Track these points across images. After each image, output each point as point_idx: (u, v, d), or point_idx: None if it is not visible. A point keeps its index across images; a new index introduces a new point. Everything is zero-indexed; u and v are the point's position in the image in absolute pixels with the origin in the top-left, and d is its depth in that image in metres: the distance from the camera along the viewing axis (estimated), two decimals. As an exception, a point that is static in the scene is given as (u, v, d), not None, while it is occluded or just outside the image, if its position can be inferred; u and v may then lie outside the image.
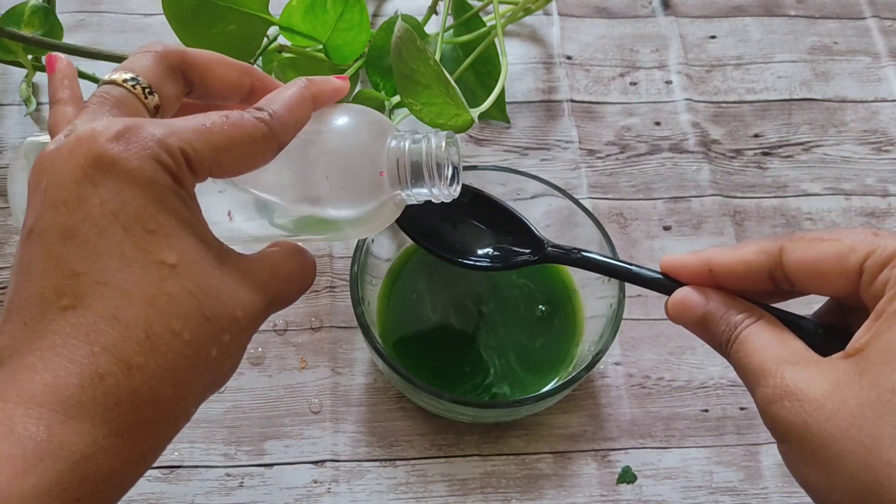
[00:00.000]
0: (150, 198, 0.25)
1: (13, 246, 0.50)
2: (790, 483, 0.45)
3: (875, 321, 0.27)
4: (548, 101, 0.58)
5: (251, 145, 0.27)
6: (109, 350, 0.24)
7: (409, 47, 0.43)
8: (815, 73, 0.60)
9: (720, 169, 0.56)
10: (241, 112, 0.28)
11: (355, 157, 0.31)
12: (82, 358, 0.23)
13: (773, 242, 0.30)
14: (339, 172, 0.31)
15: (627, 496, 0.44)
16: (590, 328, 0.45)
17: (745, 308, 0.31)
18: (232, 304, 0.26)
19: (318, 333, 0.48)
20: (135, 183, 0.25)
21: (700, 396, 0.47)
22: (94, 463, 0.23)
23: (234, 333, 0.27)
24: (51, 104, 0.30)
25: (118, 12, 0.61)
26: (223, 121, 0.27)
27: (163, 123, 0.26)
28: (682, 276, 0.32)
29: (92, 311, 0.24)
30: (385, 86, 0.53)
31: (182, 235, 0.25)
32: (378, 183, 0.31)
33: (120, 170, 0.24)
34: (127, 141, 0.25)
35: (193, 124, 0.26)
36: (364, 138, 0.32)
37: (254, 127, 0.27)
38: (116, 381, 0.23)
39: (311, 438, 0.45)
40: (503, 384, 0.44)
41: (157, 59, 0.29)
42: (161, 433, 0.25)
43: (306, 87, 0.30)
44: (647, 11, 0.63)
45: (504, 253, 0.38)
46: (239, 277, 0.27)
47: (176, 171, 0.25)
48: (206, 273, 0.26)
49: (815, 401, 0.26)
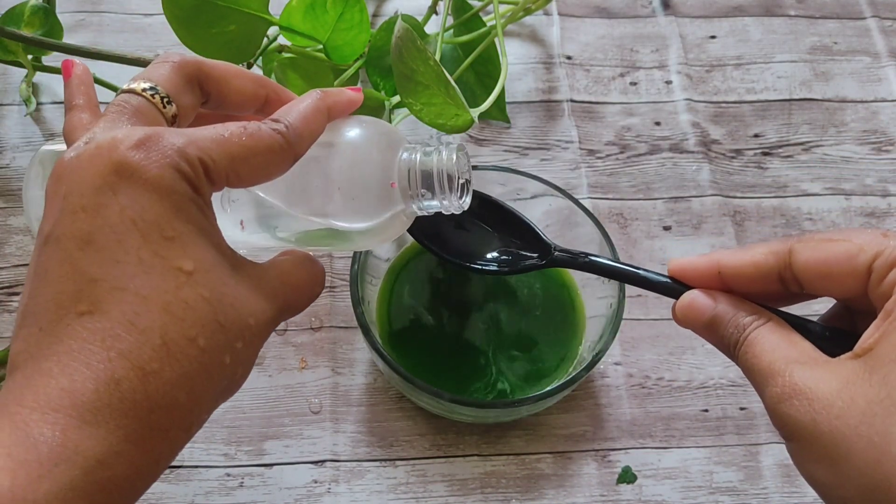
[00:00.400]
0: (169, 206, 0.25)
1: (13, 246, 0.50)
2: (790, 483, 0.45)
3: (884, 321, 0.27)
4: (548, 101, 0.58)
5: (268, 156, 0.28)
6: (126, 356, 0.24)
7: (409, 47, 0.43)
8: (815, 73, 0.60)
9: (720, 169, 0.56)
10: (259, 123, 0.28)
11: (368, 169, 0.31)
12: (98, 363, 0.23)
13: (782, 244, 0.30)
14: (352, 184, 0.31)
15: (627, 496, 0.44)
16: (590, 328, 0.45)
17: (753, 310, 0.31)
18: (245, 312, 0.27)
19: (318, 333, 0.48)
20: (154, 191, 0.25)
21: (700, 396, 0.47)
22: (108, 468, 0.23)
23: (247, 341, 0.27)
24: (67, 110, 0.31)
25: (118, 12, 0.61)
26: (241, 131, 0.27)
27: (182, 133, 0.26)
28: (691, 279, 0.33)
29: (109, 316, 0.24)
30: (385, 86, 0.53)
31: (199, 243, 0.26)
32: (389, 194, 0.32)
33: (140, 178, 0.25)
34: (147, 149, 0.25)
35: (212, 134, 0.27)
36: (376, 150, 0.32)
37: (270, 138, 0.28)
38: (132, 387, 0.23)
39: (311, 438, 0.45)
40: (503, 384, 0.44)
41: (175, 70, 0.29)
42: (174, 439, 0.25)
43: (321, 99, 0.30)
44: (647, 11, 0.63)
45: (512, 257, 0.39)
46: (251, 285, 0.27)
47: (194, 180, 0.26)
48: (221, 281, 0.26)
49: (824, 399, 0.26)
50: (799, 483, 0.45)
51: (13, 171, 0.53)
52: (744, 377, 0.48)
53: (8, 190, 0.53)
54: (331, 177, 0.31)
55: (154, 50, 0.59)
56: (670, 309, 0.33)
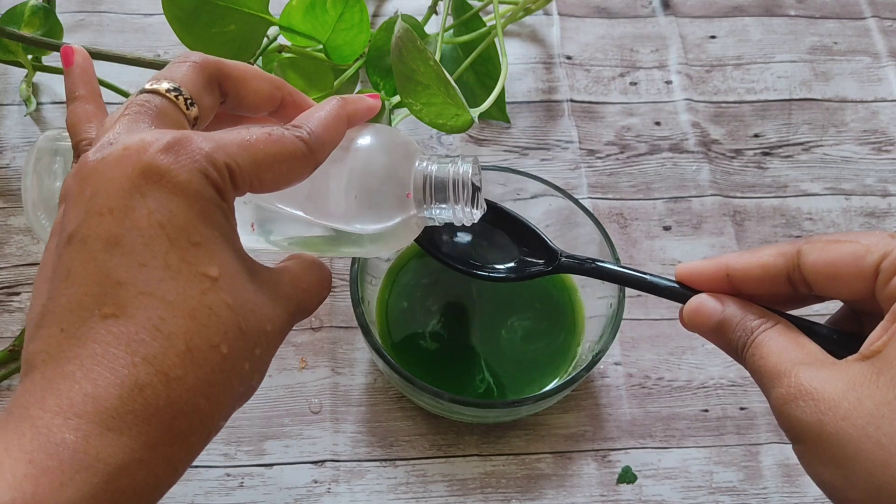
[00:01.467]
0: (197, 211, 0.25)
1: (13, 246, 0.50)
2: (790, 483, 0.45)
3: (892, 322, 0.27)
4: (548, 101, 0.58)
5: (291, 163, 0.28)
6: (150, 361, 0.23)
7: (409, 47, 0.43)
8: (815, 73, 0.60)
9: (720, 169, 0.56)
10: (282, 129, 0.28)
11: (384, 177, 0.32)
12: (122, 368, 0.23)
13: (790, 245, 0.30)
14: (368, 192, 0.32)
15: (627, 496, 0.44)
16: (590, 328, 0.45)
17: (761, 314, 0.31)
18: (264, 318, 0.27)
19: (318, 333, 0.48)
20: (183, 195, 0.25)
21: (700, 396, 0.47)
22: (129, 476, 0.23)
23: (264, 347, 0.27)
24: (68, 100, 0.30)
25: (118, 12, 0.61)
26: (266, 137, 0.27)
27: (210, 137, 0.26)
28: (699, 283, 0.32)
29: (134, 320, 0.24)
30: (385, 86, 0.53)
31: (224, 249, 0.26)
32: (404, 203, 0.32)
33: (169, 182, 0.25)
34: (177, 153, 0.25)
35: (238, 140, 0.26)
36: (393, 159, 0.32)
37: (293, 144, 0.28)
38: (155, 393, 0.23)
39: (311, 438, 0.45)
40: (503, 384, 0.44)
41: (197, 70, 0.29)
42: (193, 445, 0.25)
43: (342, 107, 0.30)
44: (647, 11, 0.63)
45: (517, 263, 0.39)
46: (268, 291, 0.27)
47: (221, 186, 0.26)
48: (243, 287, 0.26)
49: (831, 400, 0.26)
50: (799, 483, 0.45)
51: (13, 171, 0.53)
52: (744, 377, 0.48)
53: (8, 190, 0.53)
54: (348, 184, 0.31)
55: (154, 50, 0.59)
56: (672, 310, 0.33)
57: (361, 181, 0.32)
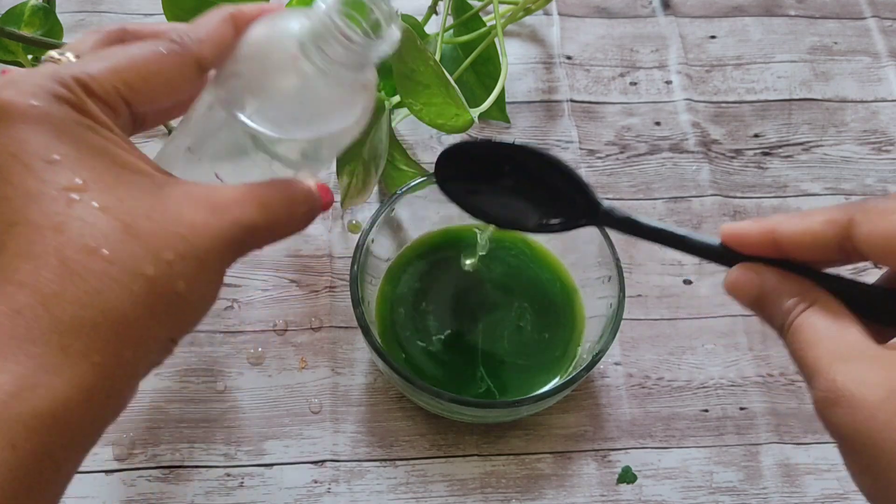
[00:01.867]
0: (49, 131, 0.25)
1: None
2: (790, 483, 0.45)
3: None
4: (548, 101, 0.58)
5: (160, 62, 0.27)
6: (24, 284, 0.23)
7: (409, 47, 0.43)
8: (815, 73, 0.60)
9: (720, 169, 0.56)
10: None
11: (279, 59, 0.29)
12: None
13: (842, 212, 0.28)
14: (266, 79, 0.29)
15: (627, 496, 0.44)
16: (590, 328, 0.45)
17: (798, 290, 0.28)
18: (170, 222, 0.26)
19: (318, 333, 0.48)
20: (31, 121, 0.25)
21: (700, 396, 0.47)
22: (24, 401, 0.22)
23: (181, 252, 0.26)
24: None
25: (118, 12, 0.61)
26: (132, 46, 0.27)
27: (69, 63, 0.26)
28: (744, 246, 0.30)
29: (6, 252, 0.24)
30: (385, 86, 0.53)
31: (91, 161, 0.25)
32: (303, 70, 0.29)
33: (12, 113, 0.25)
34: (16, 85, 0.25)
35: (91, 56, 0.27)
36: (280, 38, 0.29)
37: (159, 45, 0.28)
38: (35, 314, 0.23)
39: (311, 438, 0.45)
40: (503, 384, 0.44)
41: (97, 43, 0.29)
42: (103, 365, 0.24)
43: (223, 8, 0.30)
44: (647, 11, 0.63)
45: (554, 212, 0.35)
46: (183, 199, 0.26)
47: (75, 101, 0.26)
48: (127, 194, 0.26)
49: (868, 409, 0.25)
50: (799, 483, 0.45)
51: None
52: (744, 377, 0.48)
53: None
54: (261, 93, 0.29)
55: (154, 50, 0.59)
56: (672, 310, 0.33)
57: (262, 76, 0.29)
